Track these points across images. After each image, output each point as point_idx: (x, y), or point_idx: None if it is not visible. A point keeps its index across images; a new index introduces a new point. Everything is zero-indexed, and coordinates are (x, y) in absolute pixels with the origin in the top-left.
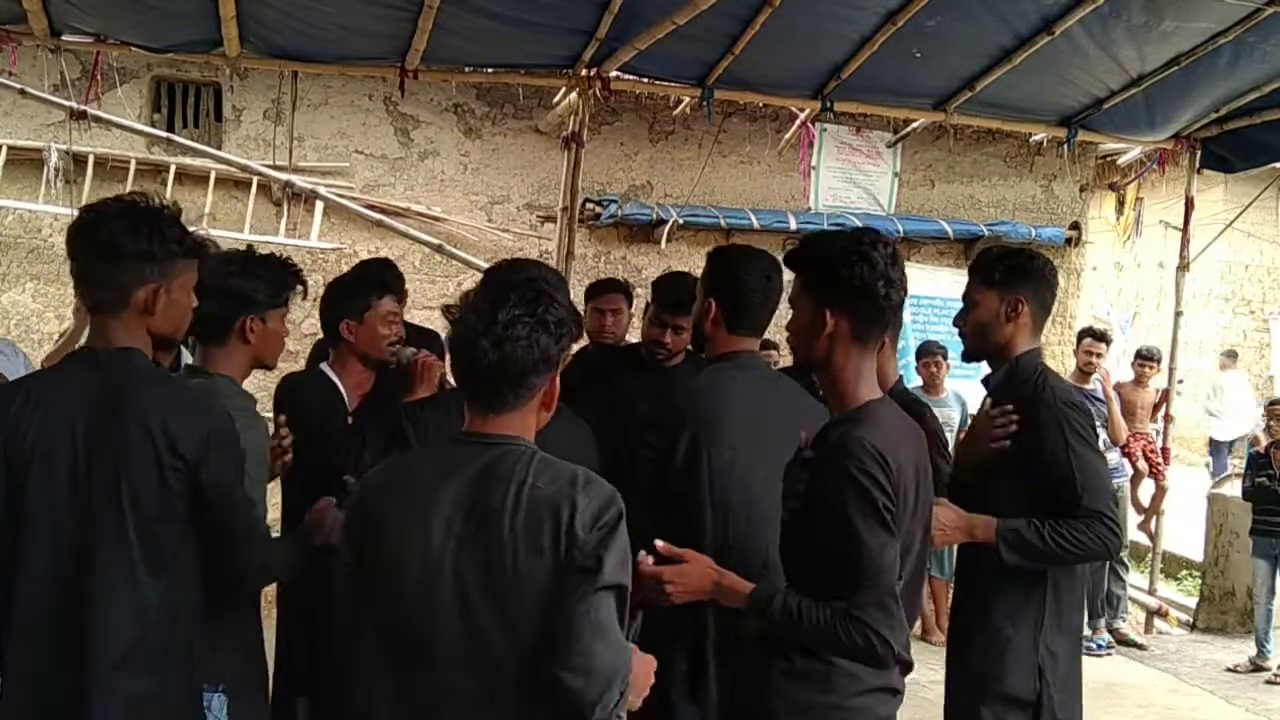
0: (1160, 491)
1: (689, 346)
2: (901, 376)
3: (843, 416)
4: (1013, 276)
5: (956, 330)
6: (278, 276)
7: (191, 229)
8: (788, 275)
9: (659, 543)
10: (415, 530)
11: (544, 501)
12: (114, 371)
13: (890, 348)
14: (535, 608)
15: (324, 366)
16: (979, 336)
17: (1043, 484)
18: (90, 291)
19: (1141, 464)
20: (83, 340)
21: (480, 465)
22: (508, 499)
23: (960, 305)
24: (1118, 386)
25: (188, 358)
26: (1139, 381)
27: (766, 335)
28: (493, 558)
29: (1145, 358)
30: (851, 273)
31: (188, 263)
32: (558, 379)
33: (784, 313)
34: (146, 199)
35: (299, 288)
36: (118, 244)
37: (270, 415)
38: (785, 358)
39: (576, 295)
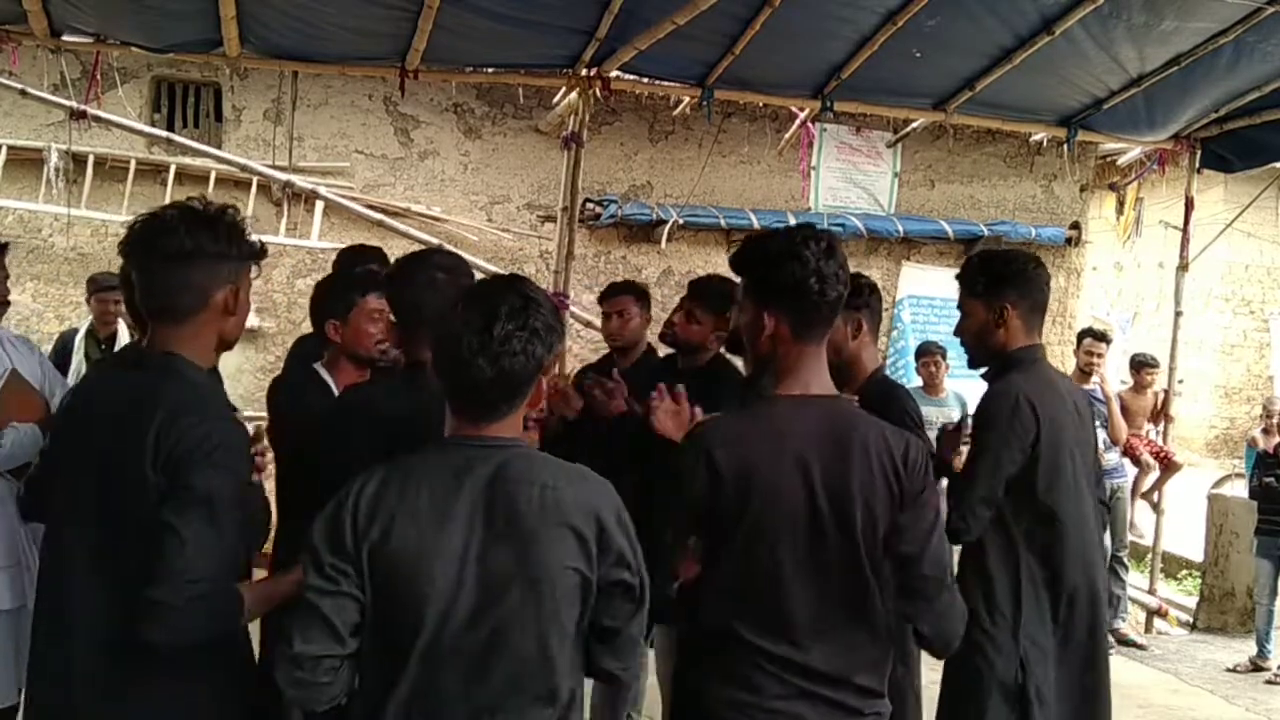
0: (1173, 468)
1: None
2: (882, 365)
3: None
4: (994, 283)
5: (960, 340)
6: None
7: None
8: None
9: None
10: (432, 535)
11: (570, 504)
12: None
13: (870, 336)
14: (562, 605)
15: (318, 366)
16: (976, 345)
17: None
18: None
19: (1147, 457)
20: None
21: (491, 469)
22: (532, 502)
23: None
24: (1117, 393)
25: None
26: (1139, 387)
27: None
28: (523, 559)
29: (1145, 365)
30: (783, 272)
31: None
32: (544, 381)
33: None
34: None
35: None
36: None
37: (263, 415)
38: None
39: (577, 295)
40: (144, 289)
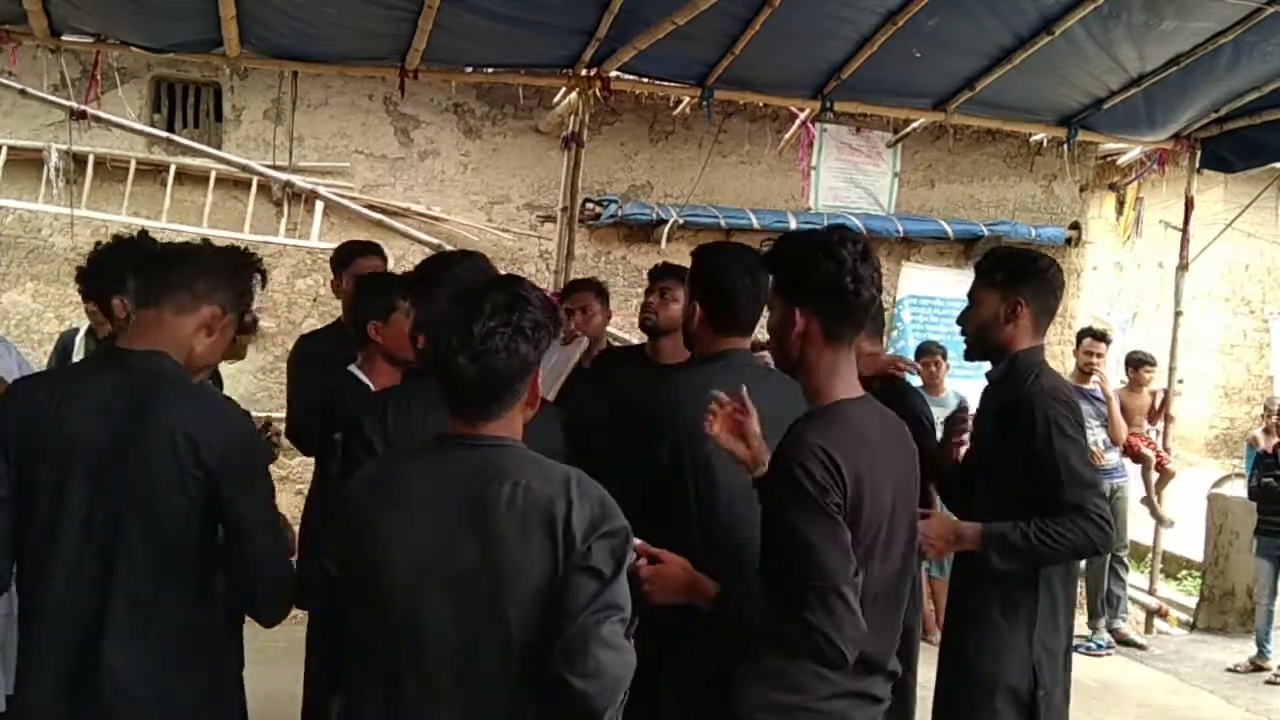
0: (1166, 476)
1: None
2: None
3: (805, 415)
4: (1014, 278)
5: (960, 329)
6: None
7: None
8: None
9: (636, 541)
10: (404, 530)
11: (539, 501)
12: None
13: (868, 340)
14: (529, 605)
15: (353, 368)
16: (979, 336)
17: (1032, 480)
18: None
19: (1145, 450)
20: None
21: (471, 466)
22: (501, 498)
23: (963, 304)
24: (1115, 392)
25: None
26: (1135, 386)
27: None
28: (488, 555)
29: (1142, 363)
30: (819, 271)
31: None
32: (539, 378)
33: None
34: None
35: None
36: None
37: (262, 415)
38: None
39: None
40: (149, 277)
